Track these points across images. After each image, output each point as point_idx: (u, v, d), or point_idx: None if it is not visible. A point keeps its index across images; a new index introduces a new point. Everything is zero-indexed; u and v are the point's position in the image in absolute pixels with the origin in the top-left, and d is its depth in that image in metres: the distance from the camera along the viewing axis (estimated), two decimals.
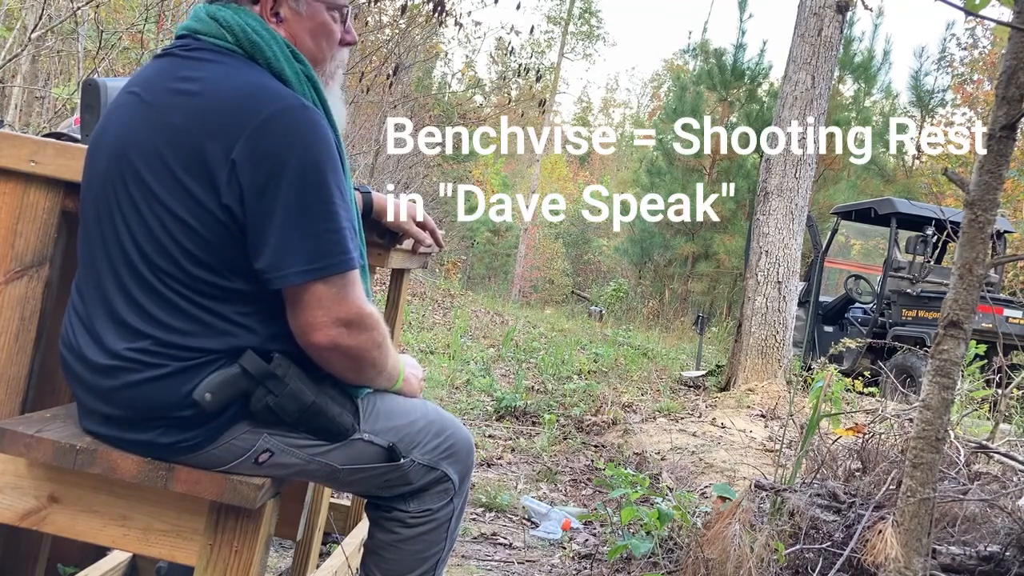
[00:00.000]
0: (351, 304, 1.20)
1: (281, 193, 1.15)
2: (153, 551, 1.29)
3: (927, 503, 1.64)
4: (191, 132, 1.17)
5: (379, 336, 1.26)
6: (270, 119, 1.16)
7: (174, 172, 1.17)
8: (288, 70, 1.25)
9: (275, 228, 1.16)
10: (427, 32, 12.07)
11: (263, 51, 1.24)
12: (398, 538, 1.42)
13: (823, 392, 2.45)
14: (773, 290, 6.74)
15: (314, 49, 1.33)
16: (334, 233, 1.19)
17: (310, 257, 1.16)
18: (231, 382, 1.20)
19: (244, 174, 1.15)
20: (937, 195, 15.07)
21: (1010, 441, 3.03)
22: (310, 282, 1.17)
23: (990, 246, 1.59)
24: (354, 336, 1.22)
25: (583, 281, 26.27)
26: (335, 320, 1.19)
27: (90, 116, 1.56)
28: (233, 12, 1.26)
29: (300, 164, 1.16)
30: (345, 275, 1.20)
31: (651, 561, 2.49)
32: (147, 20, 6.23)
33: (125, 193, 1.21)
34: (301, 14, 1.30)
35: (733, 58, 17.44)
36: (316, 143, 1.18)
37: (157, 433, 1.22)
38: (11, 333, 1.36)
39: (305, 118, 1.18)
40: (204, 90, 1.19)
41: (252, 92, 1.18)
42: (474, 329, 9.92)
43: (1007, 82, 1.52)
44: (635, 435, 4.62)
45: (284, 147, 1.15)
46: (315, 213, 1.17)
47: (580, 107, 47.01)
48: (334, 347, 1.21)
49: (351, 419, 1.31)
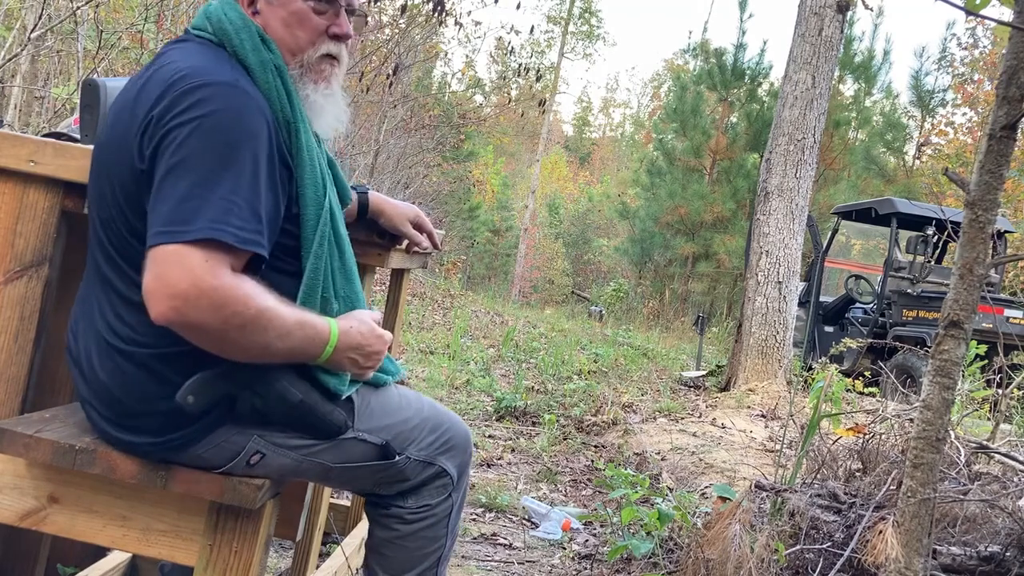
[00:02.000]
0: (187, 272, 1.07)
1: (167, 155, 1.13)
2: (152, 551, 1.29)
3: (927, 503, 1.63)
4: (134, 110, 1.19)
5: (235, 315, 1.10)
6: (185, 91, 1.15)
7: (114, 157, 1.20)
8: (252, 58, 1.25)
9: (155, 190, 1.13)
10: (427, 32, 12.08)
11: (230, 39, 1.26)
12: (398, 535, 1.42)
13: (823, 392, 2.45)
14: (773, 290, 6.74)
15: (287, 38, 1.30)
16: (206, 201, 1.10)
17: (170, 219, 1.09)
18: (215, 382, 1.18)
19: (148, 141, 1.15)
20: (937, 195, 15.06)
21: (1010, 441, 3.03)
22: (159, 245, 1.09)
23: (990, 246, 1.59)
24: (197, 313, 1.08)
25: (583, 281, 26.28)
26: (169, 290, 1.07)
27: (90, 116, 1.56)
28: (220, 5, 1.30)
29: (196, 132, 1.13)
30: (195, 248, 1.08)
31: (651, 561, 2.49)
32: (147, 20, 6.23)
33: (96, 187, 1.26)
34: (273, 4, 1.31)
35: (733, 58, 17.43)
36: (223, 116, 1.14)
37: (146, 433, 1.22)
38: (11, 333, 1.36)
39: (222, 93, 1.16)
40: (150, 76, 1.22)
41: (184, 70, 1.18)
42: (474, 329, 9.92)
43: (1007, 82, 1.51)
44: (635, 435, 4.62)
45: (186, 115, 1.14)
46: (194, 178, 1.11)
47: (580, 107, 47.02)
48: (173, 323, 1.09)
49: (343, 416, 1.29)
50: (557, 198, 30.83)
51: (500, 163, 29.47)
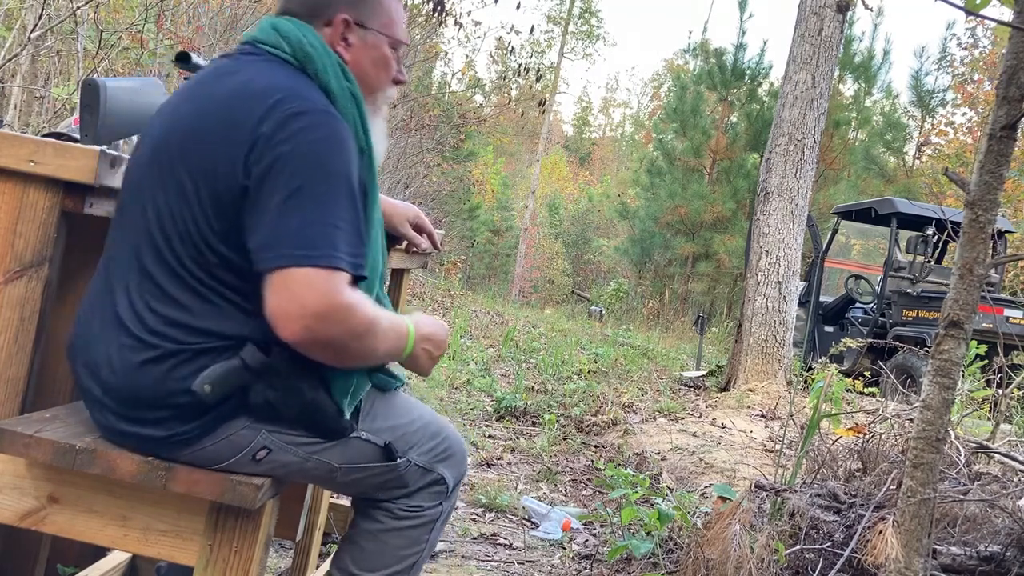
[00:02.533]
0: (320, 293, 1.17)
1: (283, 179, 1.19)
2: (152, 551, 1.29)
3: (927, 503, 1.64)
4: (232, 119, 1.23)
5: (357, 326, 1.21)
6: (292, 114, 1.21)
7: (204, 158, 1.23)
8: (334, 84, 1.31)
9: (272, 211, 1.18)
10: (427, 32, 12.08)
11: (314, 62, 1.31)
12: (382, 528, 1.41)
13: (823, 392, 2.45)
14: (773, 290, 6.74)
15: (373, 77, 1.41)
16: (326, 227, 1.19)
17: (296, 244, 1.17)
18: (231, 374, 1.21)
19: (257, 159, 1.20)
20: (937, 195, 15.06)
21: (1010, 441, 3.03)
22: (288, 268, 1.17)
23: (990, 246, 1.59)
24: (327, 328, 1.18)
25: (583, 281, 26.28)
26: (302, 310, 1.16)
27: (89, 116, 1.56)
28: (295, 26, 1.34)
29: (307, 158, 1.20)
30: (324, 271, 1.17)
31: (651, 561, 2.49)
32: (147, 20, 6.23)
33: (159, 179, 1.26)
34: (367, 43, 1.39)
35: (733, 58, 17.43)
36: (329, 144, 1.23)
37: (154, 426, 1.23)
38: (10, 333, 1.36)
39: (325, 121, 1.24)
40: (242, 85, 1.26)
41: (282, 90, 1.24)
42: (474, 329, 9.92)
43: (1007, 82, 1.52)
44: (635, 435, 4.62)
45: (297, 139, 1.20)
46: (313, 206, 1.19)
47: (580, 107, 47.03)
48: (304, 340, 1.18)
49: (349, 417, 1.32)
50: (557, 198, 30.84)
51: (500, 163, 29.47)
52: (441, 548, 2.66)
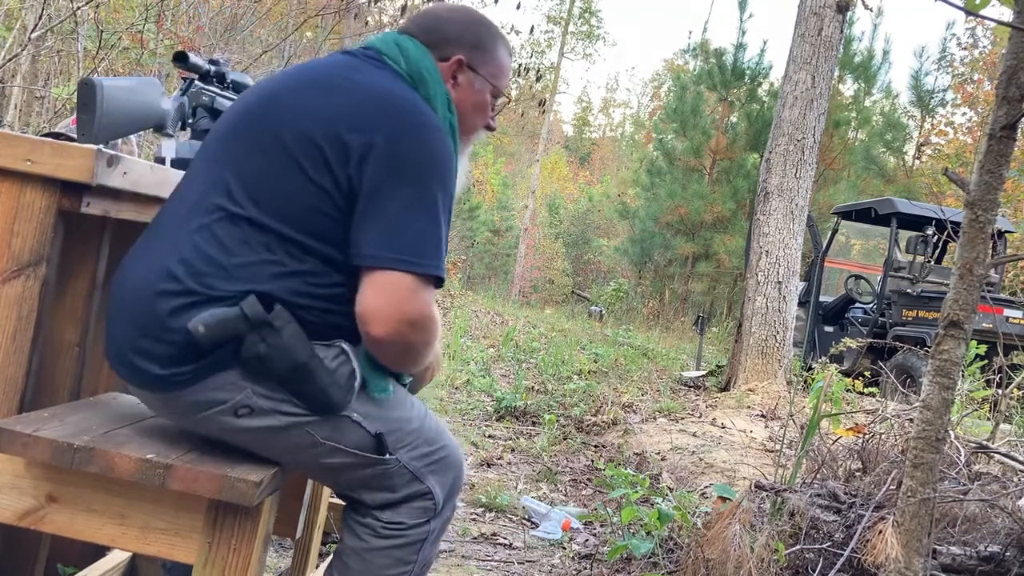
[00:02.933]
0: (420, 304, 1.26)
1: (404, 186, 1.26)
2: (152, 549, 1.29)
3: (927, 503, 1.63)
4: (340, 115, 1.28)
5: (432, 338, 1.32)
6: (414, 123, 1.29)
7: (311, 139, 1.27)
8: (440, 110, 1.38)
9: (389, 214, 1.25)
10: None
11: (426, 86, 1.39)
12: (366, 546, 1.37)
13: (823, 392, 2.45)
14: (773, 290, 6.74)
15: (470, 118, 1.48)
16: (435, 239, 1.28)
17: (408, 250, 1.25)
18: (226, 321, 1.23)
19: (376, 160, 1.26)
20: (937, 195, 15.06)
21: (1010, 441, 3.03)
22: (393, 269, 1.24)
23: (990, 246, 1.59)
24: (414, 335, 1.27)
25: (583, 281, 26.27)
26: (400, 315, 1.24)
27: (86, 115, 1.55)
28: (418, 49, 1.41)
29: (427, 170, 1.28)
30: (426, 279, 1.26)
31: (651, 561, 2.49)
32: (147, 20, 6.23)
33: (255, 138, 1.31)
34: (474, 87, 1.47)
35: (733, 58, 17.42)
36: (443, 161, 1.31)
37: (154, 361, 1.25)
38: (8, 333, 1.36)
39: (441, 136, 1.32)
40: (362, 86, 1.32)
41: (403, 98, 1.32)
42: (474, 329, 9.92)
43: (1007, 82, 1.51)
44: (635, 435, 4.62)
45: (417, 150, 1.28)
46: (426, 217, 1.27)
47: (580, 107, 47.04)
48: (390, 341, 1.26)
49: (342, 394, 1.29)
50: (557, 198, 30.83)
51: (500, 163, 29.47)
52: (441, 548, 2.66)
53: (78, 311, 1.67)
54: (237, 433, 1.29)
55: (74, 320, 1.67)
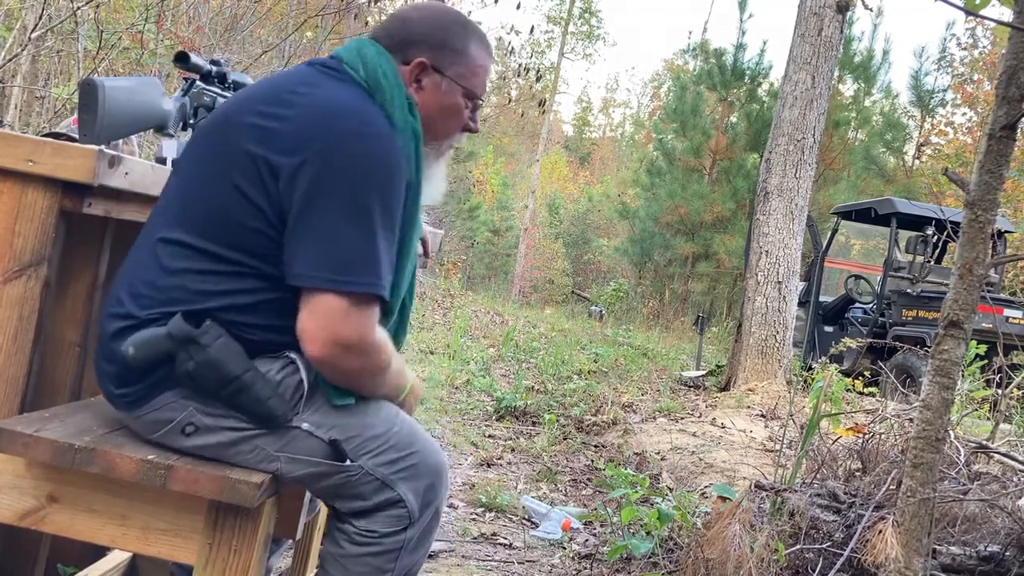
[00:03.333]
0: (355, 327, 1.22)
1: (334, 201, 1.21)
2: (152, 550, 1.29)
3: (927, 503, 1.63)
4: (279, 132, 1.25)
5: (377, 365, 1.29)
6: (350, 135, 1.24)
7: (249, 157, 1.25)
8: (398, 115, 1.33)
9: (319, 231, 1.22)
10: None
11: (382, 92, 1.34)
12: (343, 552, 1.36)
13: (823, 392, 2.45)
14: (773, 290, 6.74)
15: (438, 124, 1.42)
16: (369, 255, 1.22)
17: (337, 268, 1.21)
18: (154, 341, 1.24)
19: (307, 176, 1.22)
20: (937, 195, 15.06)
21: (1010, 441, 3.03)
22: (324, 291, 1.21)
23: (990, 246, 1.59)
24: (349, 360, 1.25)
25: (583, 281, 26.26)
26: (334, 338, 1.22)
27: (87, 116, 1.55)
28: (376, 52, 1.37)
29: (361, 182, 1.23)
30: (361, 298, 1.22)
31: (651, 561, 2.49)
32: (147, 20, 6.23)
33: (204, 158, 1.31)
34: (440, 89, 1.40)
35: (733, 58, 17.41)
36: (382, 171, 1.25)
37: (110, 381, 1.29)
38: (9, 333, 1.36)
39: (380, 145, 1.26)
40: (306, 100, 1.28)
41: (344, 109, 1.27)
42: (474, 329, 9.92)
43: (1007, 82, 1.51)
44: (635, 435, 4.62)
45: (350, 162, 1.23)
46: (358, 232, 1.22)
47: (580, 107, 47.04)
48: (324, 363, 1.25)
49: (284, 405, 1.28)
50: (557, 198, 30.82)
51: (500, 163, 29.46)
52: (441, 548, 2.66)
53: (79, 311, 1.67)
54: (195, 451, 1.29)
55: (75, 320, 1.67)
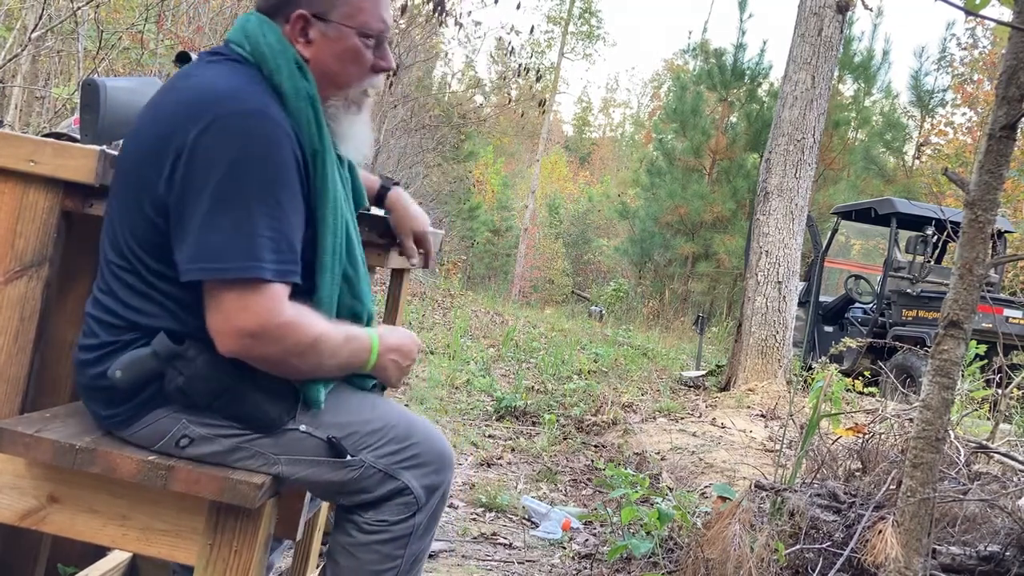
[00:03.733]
0: (252, 314, 1.17)
1: (206, 192, 1.17)
2: (152, 551, 1.29)
3: (927, 503, 1.64)
4: (157, 130, 1.23)
5: (299, 345, 1.21)
6: (214, 121, 1.18)
7: (137, 164, 1.24)
8: (287, 84, 1.27)
9: (194, 224, 1.17)
10: (427, 32, 12.08)
11: (267, 62, 1.28)
12: (352, 542, 1.37)
13: (823, 392, 2.45)
14: (773, 290, 6.74)
15: (339, 72, 1.33)
16: (240, 239, 1.16)
17: (212, 256, 1.16)
18: (140, 361, 1.24)
19: (180, 171, 1.19)
20: (937, 195, 15.06)
21: (1010, 441, 3.03)
22: (213, 283, 1.18)
23: (990, 246, 1.59)
24: (264, 347, 1.19)
25: (583, 281, 26.27)
26: (236, 330, 1.18)
27: (89, 116, 1.56)
28: (259, 23, 1.31)
29: (229, 167, 1.17)
30: (247, 283, 1.17)
31: (651, 561, 2.49)
32: (147, 20, 6.23)
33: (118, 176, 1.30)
34: (329, 37, 1.32)
35: (733, 58, 17.42)
36: (253, 150, 1.18)
37: (98, 405, 1.29)
38: (11, 333, 1.36)
39: (245, 124, 1.19)
40: (174, 97, 1.25)
41: (217, 95, 1.21)
42: (474, 329, 9.92)
43: (1007, 82, 1.52)
44: (635, 435, 4.62)
45: (218, 149, 1.17)
46: (235, 216, 1.16)
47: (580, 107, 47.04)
48: (241, 356, 1.21)
49: (279, 410, 1.28)
50: (557, 198, 30.82)
51: (500, 163, 29.45)
52: (441, 548, 2.66)
53: (80, 312, 1.67)
54: (182, 454, 1.29)
55: (76, 321, 1.66)
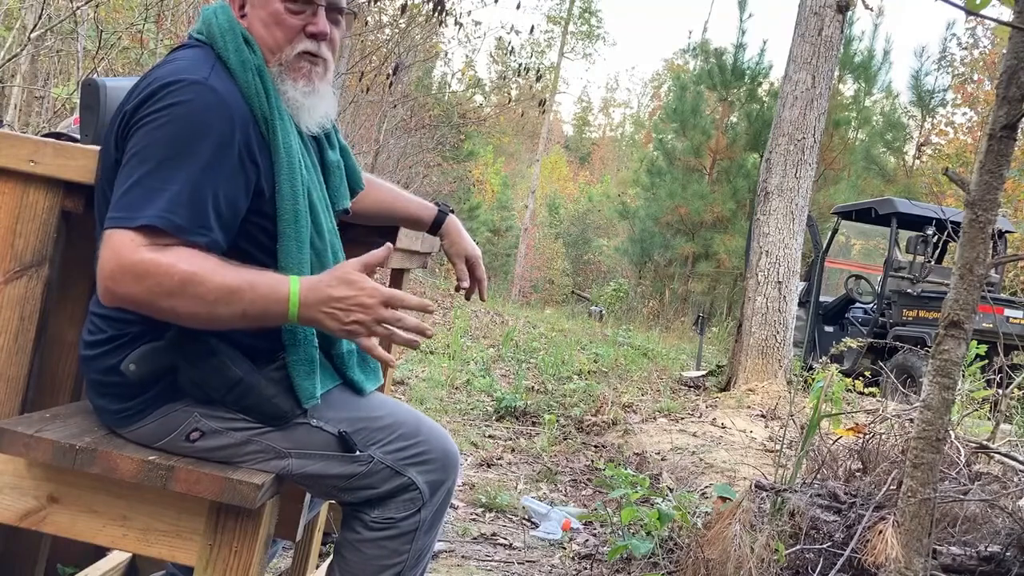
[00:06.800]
0: (111, 253, 1.15)
1: (128, 148, 1.22)
2: (153, 551, 1.29)
3: (927, 503, 1.64)
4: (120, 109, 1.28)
5: (159, 285, 1.14)
6: (157, 88, 1.23)
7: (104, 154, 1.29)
8: (233, 59, 1.31)
9: (121, 190, 1.21)
10: (427, 32, 12.08)
11: (215, 41, 1.33)
12: (359, 538, 1.38)
13: (823, 392, 2.45)
14: (773, 290, 6.74)
15: (267, 37, 1.37)
16: (147, 190, 1.17)
17: (116, 206, 1.18)
18: (155, 354, 1.25)
19: (123, 132, 1.24)
20: (937, 195, 15.07)
21: (1010, 441, 3.03)
22: (105, 230, 1.18)
23: (990, 246, 1.59)
24: (124, 287, 1.15)
25: (583, 281, 26.27)
26: (101, 274, 1.17)
27: (90, 116, 1.56)
28: (215, 9, 1.37)
29: (155, 125, 1.21)
30: (121, 232, 1.16)
31: (651, 561, 2.49)
32: (147, 20, 6.23)
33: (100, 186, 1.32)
34: (256, 5, 1.38)
35: (733, 58, 17.43)
36: (183, 111, 1.21)
37: (107, 400, 1.30)
38: (11, 333, 1.36)
39: (187, 89, 1.23)
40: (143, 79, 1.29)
41: (165, 73, 1.26)
42: (474, 329, 9.92)
43: (1007, 82, 1.52)
44: (635, 435, 4.62)
45: (152, 108, 1.22)
46: (143, 170, 1.19)
47: (580, 107, 47.05)
48: (111, 301, 1.18)
49: (291, 403, 1.30)
50: (557, 198, 30.83)
51: (500, 163, 29.48)
52: (441, 548, 2.66)
53: (81, 312, 1.67)
54: (202, 455, 1.29)
55: (77, 321, 1.67)
